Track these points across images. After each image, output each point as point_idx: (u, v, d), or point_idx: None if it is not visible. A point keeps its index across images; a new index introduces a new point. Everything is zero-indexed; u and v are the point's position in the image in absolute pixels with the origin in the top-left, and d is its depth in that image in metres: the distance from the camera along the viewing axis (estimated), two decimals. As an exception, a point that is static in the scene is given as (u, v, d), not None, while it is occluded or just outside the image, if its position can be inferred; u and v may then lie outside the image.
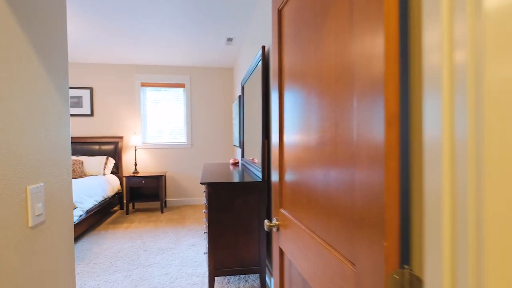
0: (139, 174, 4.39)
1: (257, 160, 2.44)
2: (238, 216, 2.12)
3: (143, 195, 4.72)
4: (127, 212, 4.35)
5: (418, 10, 0.49)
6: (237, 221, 2.12)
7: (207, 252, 2.15)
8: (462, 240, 0.39)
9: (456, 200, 0.40)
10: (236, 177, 2.35)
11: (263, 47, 2.15)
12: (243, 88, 3.34)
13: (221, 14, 2.83)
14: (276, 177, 1.17)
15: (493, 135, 0.36)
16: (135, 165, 4.54)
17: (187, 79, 4.83)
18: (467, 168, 0.39)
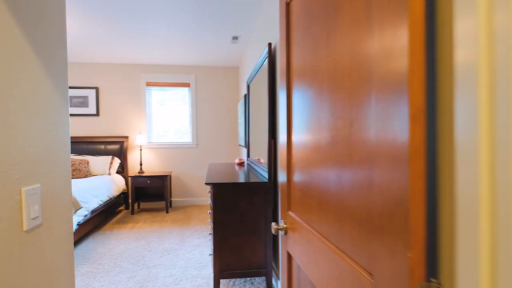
0: (144, 174, 4.37)
1: (263, 160, 2.40)
2: (244, 217, 2.08)
3: (148, 195, 4.71)
4: (132, 212, 4.34)
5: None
6: (243, 222, 2.08)
7: (212, 254, 2.11)
8: (504, 252, 0.34)
9: (497, 206, 0.35)
10: (241, 177, 2.31)
11: (269, 44, 2.10)
12: (248, 87, 3.30)
13: (226, 12, 2.79)
14: (283, 178, 1.12)
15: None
16: (141, 164, 4.53)
17: (192, 78, 4.81)
18: (509, 171, 0.33)
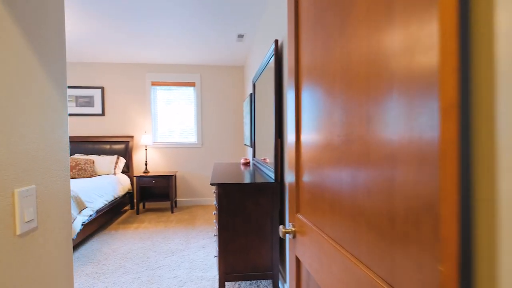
0: (149, 174, 4.35)
1: (269, 160, 2.34)
2: (249, 219, 2.03)
3: (153, 194, 4.69)
4: (137, 212, 4.33)
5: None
6: (248, 224, 2.03)
7: (217, 255, 2.06)
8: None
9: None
10: (247, 177, 2.26)
11: (276, 41, 2.05)
12: (254, 86, 3.25)
13: (232, 9, 2.75)
14: (292, 178, 1.07)
15: None
16: (146, 164, 4.51)
17: (197, 77, 4.78)
18: None
